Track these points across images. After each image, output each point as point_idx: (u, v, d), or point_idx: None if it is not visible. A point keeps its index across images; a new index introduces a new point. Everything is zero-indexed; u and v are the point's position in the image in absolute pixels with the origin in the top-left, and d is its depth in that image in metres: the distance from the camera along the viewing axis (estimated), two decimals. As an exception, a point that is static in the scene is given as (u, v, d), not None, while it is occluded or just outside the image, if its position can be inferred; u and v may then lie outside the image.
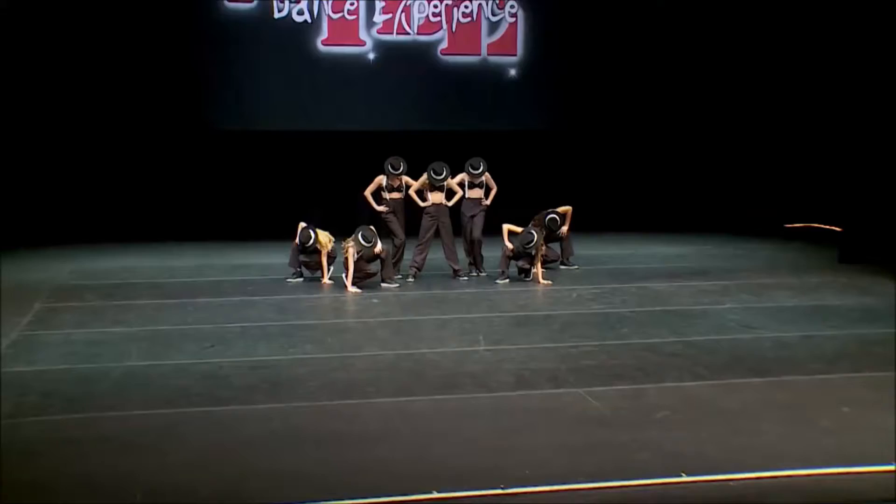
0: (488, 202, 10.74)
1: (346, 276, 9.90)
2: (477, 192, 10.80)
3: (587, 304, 9.14)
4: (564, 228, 11.46)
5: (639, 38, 15.36)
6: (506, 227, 10.64)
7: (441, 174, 10.56)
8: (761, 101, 15.03)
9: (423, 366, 6.89)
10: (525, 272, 10.64)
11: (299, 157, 14.65)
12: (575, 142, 15.28)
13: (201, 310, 8.97)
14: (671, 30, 15.34)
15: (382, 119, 14.53)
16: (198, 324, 8.37)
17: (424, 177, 10.64)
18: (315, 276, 10.41)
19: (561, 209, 11.49)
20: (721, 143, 15.26)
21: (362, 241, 9.86)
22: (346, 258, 9.90)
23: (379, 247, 10.04)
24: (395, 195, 10.67)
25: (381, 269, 10.19)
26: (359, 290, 9.74)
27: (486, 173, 10.78)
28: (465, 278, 10.71)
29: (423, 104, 14.71)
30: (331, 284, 10.10)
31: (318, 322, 8.52)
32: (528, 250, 10.38)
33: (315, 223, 10.52)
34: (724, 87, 15.12)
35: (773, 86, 14.95)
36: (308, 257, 10.46)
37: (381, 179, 10.68)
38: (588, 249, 12.33)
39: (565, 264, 11.63)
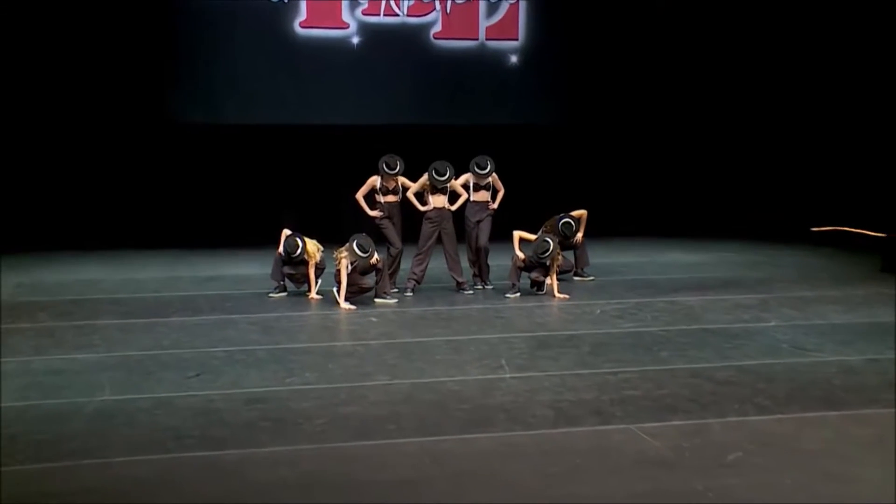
0: (495, 206, 10.48)
1: (339, 291, 9.64)
2: (483, 195, 10.60)
3: (614, 322, 8.94)
4: (579, 235, 11.29)
5: (653, 23, 15.20)
6: (517, 233, 10.41)
7: (444, 175, 10.27)
8: (780, 96, 15.13)
9: (445, 397, 6.55)
10: (538, 285, 10.39)
11: (274, 155, 14.43)
12: (582, 138, 15.19)
13: (175, 331, 8.62)
14: (688, 15, 15.18)
15: (367, 112, 14.37)
16: (174, 348, 8.00)
17: (425, 178, 10.36)
18: (301, 290, 10.22)
19: (575, 213, 11.32)
20: (735, 141, 15.42)
21: (357, 251, 9.56)
22: (339, 270, 9.62)
23: (375, 257, 9.76)
24: (391, 198, 10.40)
25: (377, 283, 9.86)
26: (352, 307, 9.49)
27: (494, 174, 10.53)
28: (471, 292, 10.48)
29: (414, 95, 14.54)
30: (319, 300, 9.91)
31: (312, 345, 8.18)
32: (543, 260, 10.14)
33: (292, 229, 10.27)
34: (741, 81, 15.20)
35: (794, 80, 15.02)
36: (293, 269, 10.18)
37: (375, 181, 10.39)
38: (600, 257, 12.20)
39: (579, 275, 11.45)
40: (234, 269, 12.37)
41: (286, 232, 10.25)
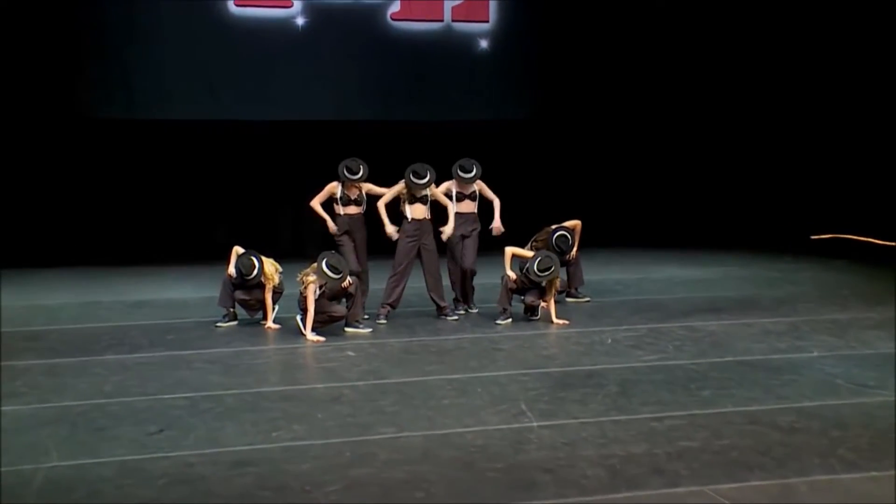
0: (499, 225, 10.24)
1: (305, 320, 9.28)
2: (469, 206, 10.43)
3: (632, 354, 8.75)
4: (573, 249, 11.08)
5: (641, 8, 15.09)
6: (510, 250, 10.21)
7: (423, 178, 10.01)
8: (776, 95, 15.46)
9: (470, 454, 6.19)
10: (532, 310, 10.20)
11: (203, 157, 14.10)
12: (560, 136, 15.17)
13: (116, 372, 8.14)
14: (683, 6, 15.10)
15: (314, 106, 14.19)
16: (121, 394, 7.52)
17: (400, 185, 10.05)
18: (255, 318, 10.00)
19: (569, 224, 11.19)
20: (726, 142, 15.78)
21: (328, 273, 9.24)
22: (306, 296, 9.25)
23: (348, 280, 9.44)
24: (353, 210, 10.14)
25: (349, 309, 9.57)
26: (320, 339, 9.25)
27: (480, 181, 10.35)
28: (454, 318, 10.27)
29: (368, 86, 14.38)
30: (277, 330, 9.70)
31: (288, 388, 7.77)
32: (542, 280, 9.86)
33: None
34: (735, 77, 15.49)
35: (792, 76, 15.36)
36: (247, 294, 9.88)
37: (335, 188, 10.10)
38: (586, 273, 11.95)
39: (573, 296, 11.32)
40: (164, 291, 11.97)
41: (238, 250, 9.88)
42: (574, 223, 11.21)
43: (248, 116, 14.04)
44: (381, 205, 10.09)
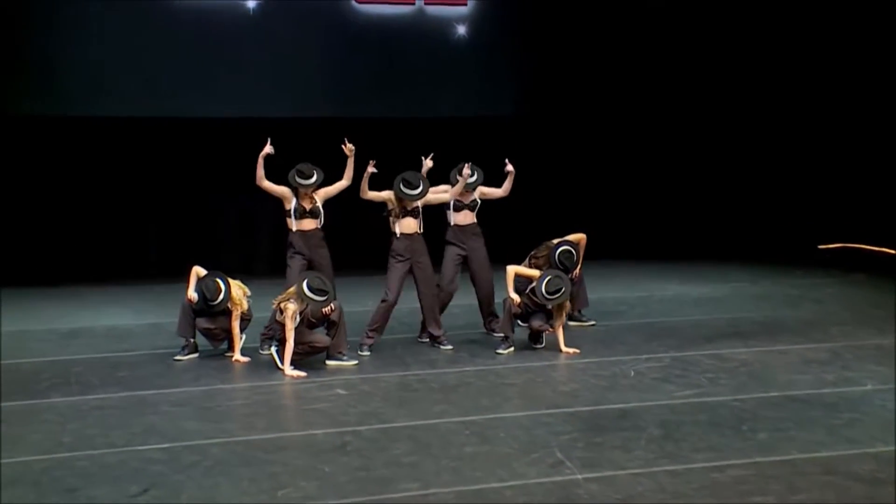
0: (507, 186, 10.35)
1: (282, 353, 9.04)
2: (468, 216, 10.41)
3: (663, 389, 8.64)
4: (578, 267, 11.02)
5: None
6: (513, 269, 10.10)
7: (416, 188, 9.84)
8: (780, 101, 15.78)
9: (516, 515, 5.96)
10: (537, 337, 10.12)
11: (140, 158, 13.89)
12: (547, 134, 15.16)
13: (70, 418, 7.82)
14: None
15: (267, 101, 14.09)
16: (85, 447, 7.14)
17: (387, 194, 9.89)
18: (219, 350, 9.84)
19: (572, 237, 11.07)
20: (722, 147, 16.09)
21: (311, 296, 9.01)
22: (284, 323, 9.00)
23: (331, 304, 9.24)
24: (308, 224, 9.92)
25: (333, 338, 9.37)
26: (301, 374, 9.02)
27: (483, 187, 10.40)
28: (449, 347, 10.17)
29: (330, 78, 14.25)
30: (246, 363, 9.52)
31: (280, 435, 7.49)
32: (551, 303, 9.79)
33: (207, 267, 9.77)
34: (731, 79, 15.80)
35: (796, 82, 15.71)
36: (211, 322, 9.67)
37: (286, 195, 9.84)
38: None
39: (576, 319, 11.24)
40: (100, 317, 11.67)
41: (198, 271, 9.65)
42: (578, 237, 11.09)
43: (189, 113, 13.82)
44: (364, 193, 9.80)
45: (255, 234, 14.33)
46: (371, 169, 9.71)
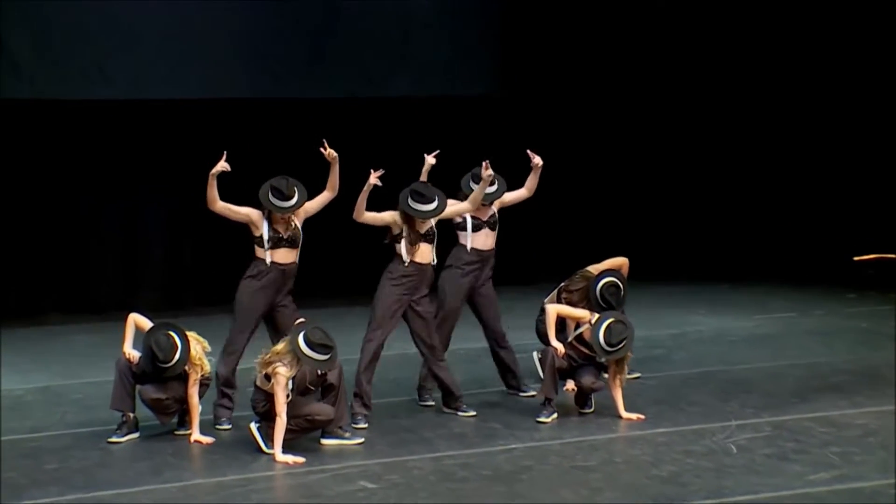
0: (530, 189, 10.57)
1: (271, 432, 8.77)
2: (488, 239, 10.42)
3: (787, 470, 8.49)
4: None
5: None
6: (555, 309, 10.08)
7: (432, 202, 9.68)
8: (787, 100, 16.51)
9: None
10: (585, 399, 10.02)
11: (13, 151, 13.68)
12: (526, 118, 15.29)
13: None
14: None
15: (172, 80, 14.08)
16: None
17: (390, 216, 9.65)
18: (168, 426, 9.53)
19: (613, 263, 11.02)
20: (727, 148, 16.62)
21: (311, 354, 8.72)
22: (275, 392, 8.73)
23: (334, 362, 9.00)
24: (284, 256, 9.60)
25: (335, 409, 9.13)
26: (299, 459, 8.71)
27: (506, 194, 10.54)
28: (472, 413, 10.01)
29: (252, 50, 14.10)
30: (207, 445, 9.21)
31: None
32: (611, 356, 9.69)
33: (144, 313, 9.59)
34: (736, 73, 16.41)
35: (806, 83, 16.47)
36: (161, 390, 9.30)
37: (253, 219, 9.54)
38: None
39: None
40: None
41: (138, 321, 9.38)
42: (620, 262, 10.98)
43: (62, 95, 13.65)
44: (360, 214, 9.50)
45: (173, 251, 14.34)
46: (373, 180, 9.40)
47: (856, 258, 16.44)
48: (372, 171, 9.43)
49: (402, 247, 9.57)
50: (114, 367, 9.36)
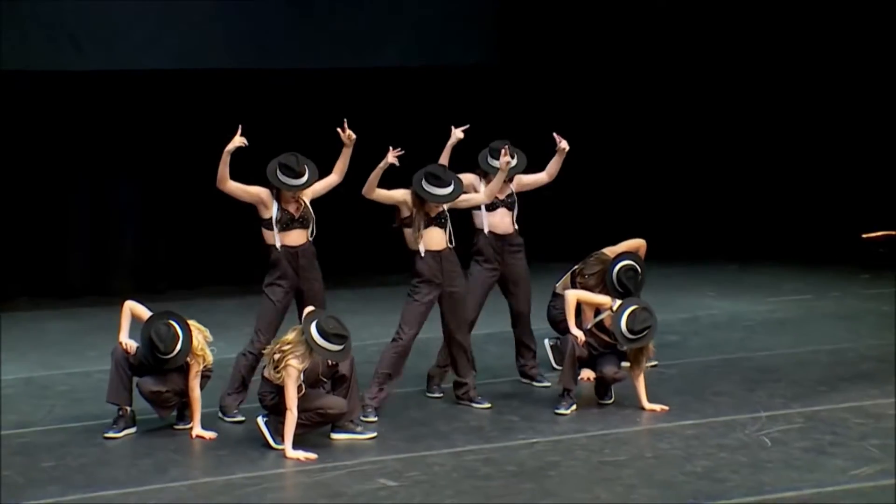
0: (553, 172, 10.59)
1: (281, 427, 8.79)
2: (505, 218, 10.38)
3: (827, 465, 8.56)
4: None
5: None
6: (575, 295, 10.10)
7: (448, 185, 9.63)
8: (793, 84, 16.87)
9: None
10: (606, 388, 10.04)
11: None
12: (522, 90, 15.43)
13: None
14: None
15: (160, 51, 14.06)
16: None
17: (401, 195, 9.65)
18: (167, 420, 9.56)
19: (629, 245, 11.07)
20: (731, 125, 16.90)
21: (324, 345, 8.74)
22: (285, 385, 8.75)
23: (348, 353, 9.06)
24: (296, 237, 9.65)
25: (348, 401, 9.14)
26: (311, 455, 8.72)
27: (523, 176, 10.47)
28: (486, 405, 10.04)
29: (241, 19, 14.28)
30: (210, 440, 9.22)
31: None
32: (634, 344, 9.72)
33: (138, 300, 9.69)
34: (747, 53, 16.63)
35: (807, 70, 16.78)
36: (160, 382, 9.31)
37: (262, 199, 9.53)
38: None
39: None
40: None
41: (135, 309, 9.41)
42: (637, 244, 11.03)
43: (29, 66, 13.57)
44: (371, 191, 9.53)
45: (147, 232, 14.28)
46: (391, 159, 9.38)
47: (864, 235, 16.74)
48: (391, 148, 9.39)
49: (416, 236, 9.54)
50: (102, 358, 9.45)
